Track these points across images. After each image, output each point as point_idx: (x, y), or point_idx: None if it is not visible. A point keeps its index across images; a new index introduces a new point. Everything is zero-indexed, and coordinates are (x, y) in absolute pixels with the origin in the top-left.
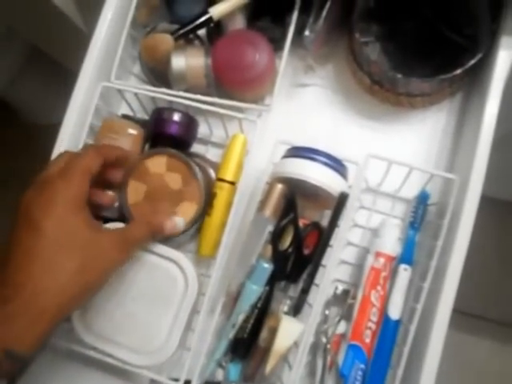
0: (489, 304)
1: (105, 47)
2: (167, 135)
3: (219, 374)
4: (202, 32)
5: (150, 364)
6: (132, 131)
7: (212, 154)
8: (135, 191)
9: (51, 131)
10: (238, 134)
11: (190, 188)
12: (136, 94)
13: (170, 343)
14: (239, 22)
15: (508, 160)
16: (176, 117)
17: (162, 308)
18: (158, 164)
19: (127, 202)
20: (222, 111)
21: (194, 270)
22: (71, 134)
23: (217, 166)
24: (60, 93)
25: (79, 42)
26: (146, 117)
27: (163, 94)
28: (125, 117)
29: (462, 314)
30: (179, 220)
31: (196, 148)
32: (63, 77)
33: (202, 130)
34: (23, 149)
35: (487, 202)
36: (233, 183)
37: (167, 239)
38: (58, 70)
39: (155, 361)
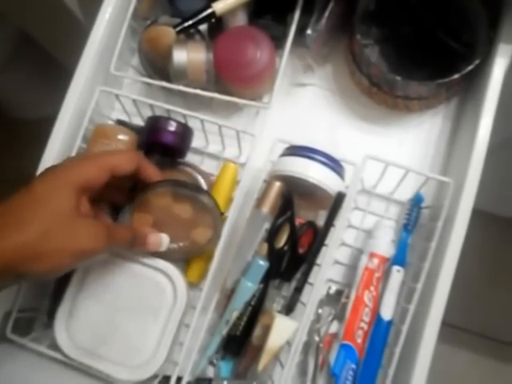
0: (469, 316)
1: (105, 38)
2: (162, 144)
3: (211, 372)
4: (202, 27)
5: (136, 379)
6: (123, 137)
7: (207, 164)
8: (140, 222)
9: (36, 127)
10: (228, 164)
11: (202, 214)
12: (134, 100)
13: (157, 357)
14: (241, 19)
15: (493, 172)
16: (172, 126)
17: (150, 319)
18: (162, 197)
19: None
20: (220, 122)
21: (183, 280)
22: (65, 130)
23: (209, 177)
24: (48, 86)
25: (75, 32)
26: (141, 121)
27: (161, 103)
28: (119, 122)
29: (442, 325)
30: (165, 238)
31: (190, 157)
32: (51, 70)
33: (197, 139)
34: (6, 145)
35: (471, 213)
36: (222, 214)
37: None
38: (45, 62)
39: (141, 375)
